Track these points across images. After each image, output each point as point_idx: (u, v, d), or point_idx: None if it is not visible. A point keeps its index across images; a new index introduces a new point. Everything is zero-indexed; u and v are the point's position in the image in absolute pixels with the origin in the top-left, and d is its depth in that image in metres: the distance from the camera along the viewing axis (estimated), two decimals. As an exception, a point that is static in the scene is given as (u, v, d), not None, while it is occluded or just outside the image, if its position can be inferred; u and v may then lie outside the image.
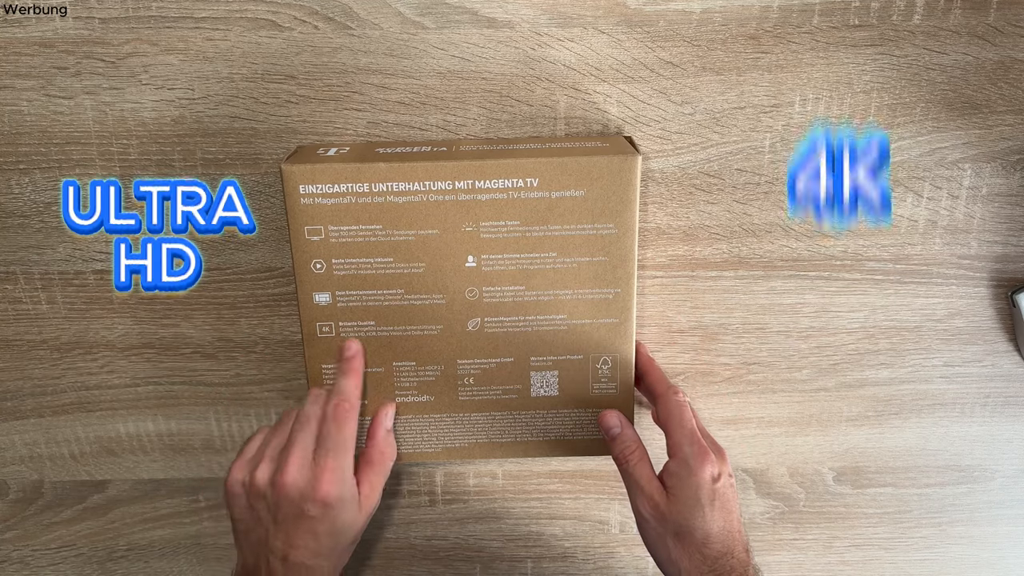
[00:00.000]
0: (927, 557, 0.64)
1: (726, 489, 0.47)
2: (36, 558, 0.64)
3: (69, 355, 0.58)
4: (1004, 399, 0.59)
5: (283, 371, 0.58)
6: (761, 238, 0.54)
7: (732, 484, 0.48)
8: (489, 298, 0.50)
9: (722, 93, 0.51)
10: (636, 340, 0.52)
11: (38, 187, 0.53)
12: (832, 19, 0.49)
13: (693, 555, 0.46)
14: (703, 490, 0.46)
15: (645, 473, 0.49)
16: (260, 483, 0.48)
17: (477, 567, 0.65)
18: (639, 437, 0.51)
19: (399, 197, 0.48)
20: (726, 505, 0.47)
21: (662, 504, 0.47)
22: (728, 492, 0.48)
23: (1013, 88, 0.51)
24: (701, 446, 0.47)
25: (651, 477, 0.49)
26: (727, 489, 0.47)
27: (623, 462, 0.50)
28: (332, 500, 0.47)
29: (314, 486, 0.47)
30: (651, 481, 0.48)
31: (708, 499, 0.46)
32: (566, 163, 0.47)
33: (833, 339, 0.57)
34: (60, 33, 0.49)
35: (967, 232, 0.54)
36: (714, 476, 0.47)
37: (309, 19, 0.49)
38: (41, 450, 0.60)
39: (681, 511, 0.46)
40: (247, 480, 0.49)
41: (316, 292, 0.50)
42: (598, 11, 0.49)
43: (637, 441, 0.50)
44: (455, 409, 0.53)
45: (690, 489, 0.46)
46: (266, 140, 0.52)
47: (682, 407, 0.49)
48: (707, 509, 0.46)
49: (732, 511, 0.47)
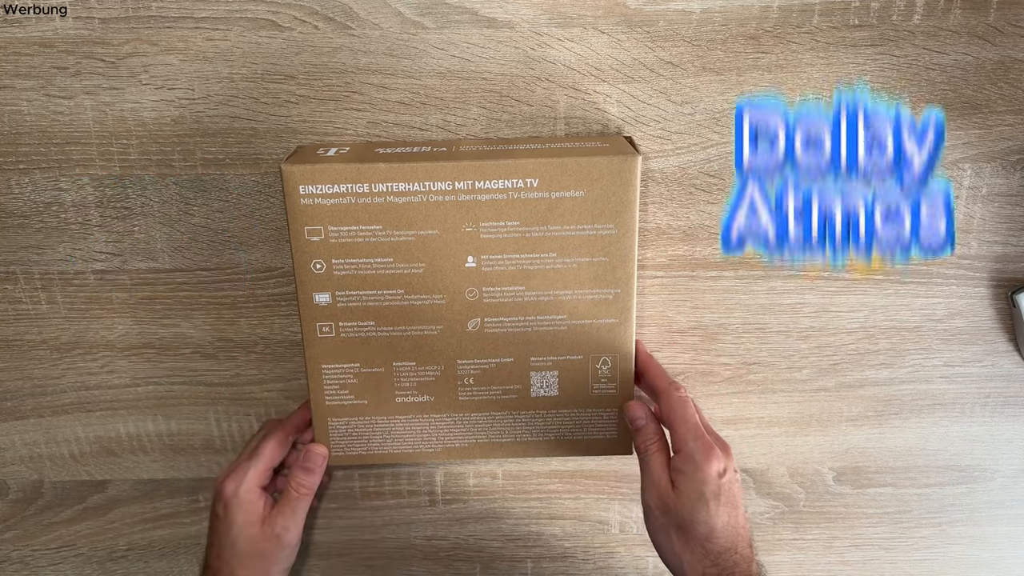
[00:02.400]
0: (927, 557, 0.64)
1: (732, 484, 0.47)
2: (36, 558, 0.64)
3: (69, 355, 0.58)
4: (1004, 399, 0.59)
5: (283, 371, 0.58)
6: (761, 238, 0.54)
7: (737, 479, 0.48)
8: (489, 298, 0.50)
9: (722, 93, 0.51)
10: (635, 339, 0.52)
11: (38, 187, 0.53)
12: (832, 19, 0.49)
13: (696, 549, 0.46)
14: (708, 486, 0.46)
15: (658, 464, 0.49)
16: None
17: (477, 567, 0.65)
18: (663, 432, 0.51)
19: (399, 197, 0.48)
20: (731, 500, 0.47)
21: (668, 497, 0.47)
22: (734, 488, 0.48)
23: (1013, 88, 0.51)
24: (706, 441, 0.47)
25: (663, 469, 0.49)
26: (732, 484, 0.48)
27: (642, 452, 0.50)
28: (227, 495, 0.52)
29: (219, 482, 0.53)
30: (662, 473, 0.48)
31: (713, 494, 0.46)
32: (566, 163, 0.47)
33: (833, 339, 0.57)
34: (60, 33, 0.49)
35: (967, 232, 0.54)
36: (720, 472, 0.47)
37: (309, 19, 0.49)
38: (41, 450, 0.60)
39: (686, 505, 0.47)
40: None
41: (316, 292, 0.50)
42: (598, 11, 0.49)
43: (659, 434, 0.50)
44: (455, 409, 0.53)
45: (695, 484, 0.46)
46: (266, 140, 0.52)
47: (685, 403, 0.49)
48: (712, 504, 0.46)
49: (737, 506, 0.48)
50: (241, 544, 0.52)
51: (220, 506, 0.53)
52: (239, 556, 0.52)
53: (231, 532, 0.52)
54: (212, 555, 0.53)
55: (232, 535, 0.52)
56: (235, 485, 0.52)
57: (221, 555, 0.52)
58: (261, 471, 0.53)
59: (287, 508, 0.53)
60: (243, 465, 0.53)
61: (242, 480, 0.52)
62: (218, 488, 0.53)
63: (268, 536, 0.52)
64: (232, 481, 0.53)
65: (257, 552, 0.52)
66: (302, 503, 0.54)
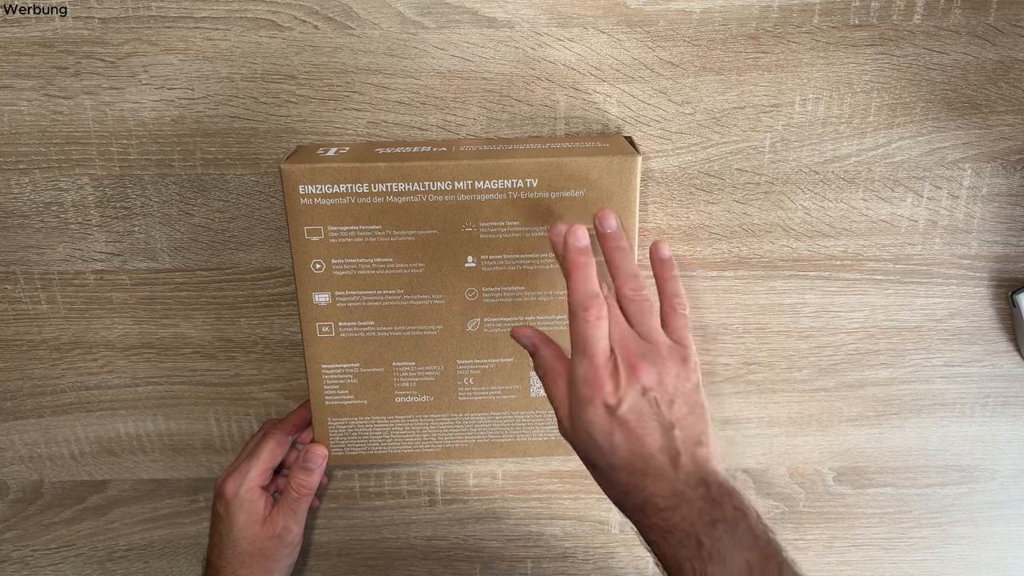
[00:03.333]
0: (927, 557, 0.64)
1: (636, 413, 0.40)
2: (36, 558, 0.64)
3: (69, 355, 0.58)
4: (1004, 399, 0.59)
5: (283, 371, 0.58)
6: (761, 238, 0.54)
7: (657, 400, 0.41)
8: (489, 298, 0.50)
9: (722, 93, 0.51)
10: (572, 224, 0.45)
11: (38, 187, 0.53)
12: (832, 19, 0.49)
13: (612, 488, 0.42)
14: (594, 425, 0.41)
15: (557, 394, 0.43)
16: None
17: (477, 567, 0.65)
18: (561, 353, 0.45)
19: (399, 197, 0.48)
20: (635, 429, 0.40)
21: (567, 427, 0.43)
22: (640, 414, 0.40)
23: (1013, 88, 0.51)
24: (596, 370, 0.41)
25: (563, 400, 0.43)
26: (638, 413, 0.40)
27: (541, 380, 0.45)
28: (228, 495, 0.53)
29: (220, 482, 0.54)
30: (562, 405, 0.43)
31: (603, 432, 0.41)
32: (566, 163, 0.47)
33: (833, 339, 0.57)
34: (60, 33, 0.49)
35: (967, 232, 0.54)
36: (610, 405, 0.40)
37: (309, 19, 0.49)
38: (41, 450, 0.60)
39: (577, 446, 0.42)
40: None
41: (316, 292, 0.50)
42: (598, 11, 0.49)
43: (557, 358, 0.45)
44: (455, 409, 0.53)
45: (581, 421, 0.41)
46: (266, 140, 0.52)
47: (587, 324, 0.41)
48: (601, 440, 0.41)
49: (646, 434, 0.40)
50: (243, 544, 0.52)
51: (221, 506, 0.53)
52: (241, 555, 0.52)
53: (232, 532, 0.52)
54: (214, 554, 0.53)
55: (234, 535, 0.52)
56: (236, 485, 0.53)
57: (223, 554, 0.52)
58: (262, 471, 0.53)
59: (287, 508, 0.53)
60: (244, 465, 0.53)
61: (243, 480, 0.53)
62: (219, 488, 0.53)
63: (269, 535, 0.53)
64: (233, 481, 0.53)
65: (259, 551, 0.53)
66: (302, 503, 0.54)
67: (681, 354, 0.43)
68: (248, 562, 0.52)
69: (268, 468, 0.54)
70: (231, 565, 0.52)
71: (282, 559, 0.54)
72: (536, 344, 0.46)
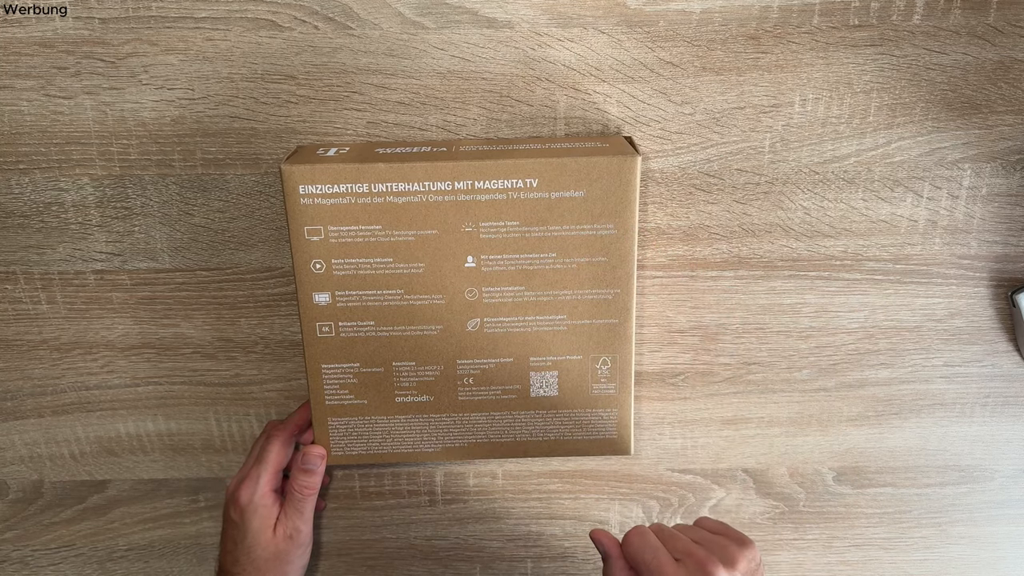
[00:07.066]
0: (927, 557, 0.64)
1: None
2: (36, 558, 0.64)
3: (69, 355, 0.58)
4: (1004, 399, 0.59)
5: (283, 371, 0.58)
6: (761, 238, 0.54)
7: None
8: (489, 298, 0.50)
9: (722, 93, 0.51)
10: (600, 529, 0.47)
11: (38, 187, 0.53)
12: (832, 19, 0.49)
13: None
14: None
15: None
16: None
17: (477, 567, 0.65)
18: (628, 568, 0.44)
19: (399, 197, 0.48)
20: None
21: None
22: None
23: (1013, 88, 0.51)
24: (689, 559, 0.41)
25: None
26: None
27: None
28: (243, 502, 0.53)
29: (233, 489, 0.54)
30: None
31: None
32: (566, 163, 0.47)
33: (833, 339, 0.57)
34: (60, 33, 0.49)
35: (967, 232, 0.54)
36: None
37: (309, 19, 0.49)
38: (41, 450, 0.60)
39: None
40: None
41: (316, 292, 0.50)
42: (598, 11, 0.49)
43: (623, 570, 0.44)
44: (455, 409, 0.53)
45: None
46: (266, 140, 0.52)
47: (640, 535, 0.43)
48: None
49: None
50: (258, 550, 0.53)
51: (236, 513, 0.53)
52: (256, 561, 0.53)
53: (247, 538, 0.53)
54: (228, 561, 0.54)
55: (248, 541, 0.53)
56: (250, 492, 0.53)
57: (238, 561, 0.53)
58: (272, 475, 0.54)
59: (294, 510, 0.54)
60: (253, 471, 0.54)
61: (256, 486, 0.53)
62: (233, 495, 0.54)
63: (282, 538, 0.53)
64: (247, 488, 0.53)
65: (273, 555, 0.53)
66: (307, 503, 0.54)
67: (738, 538, 0.43)
68: (263, 567, 0.53)
69: (277, 471, 0.55)
70: (247, 572, 0.53)
71: (295, 560, 0.54)
72: (609, 553, 0.45)
